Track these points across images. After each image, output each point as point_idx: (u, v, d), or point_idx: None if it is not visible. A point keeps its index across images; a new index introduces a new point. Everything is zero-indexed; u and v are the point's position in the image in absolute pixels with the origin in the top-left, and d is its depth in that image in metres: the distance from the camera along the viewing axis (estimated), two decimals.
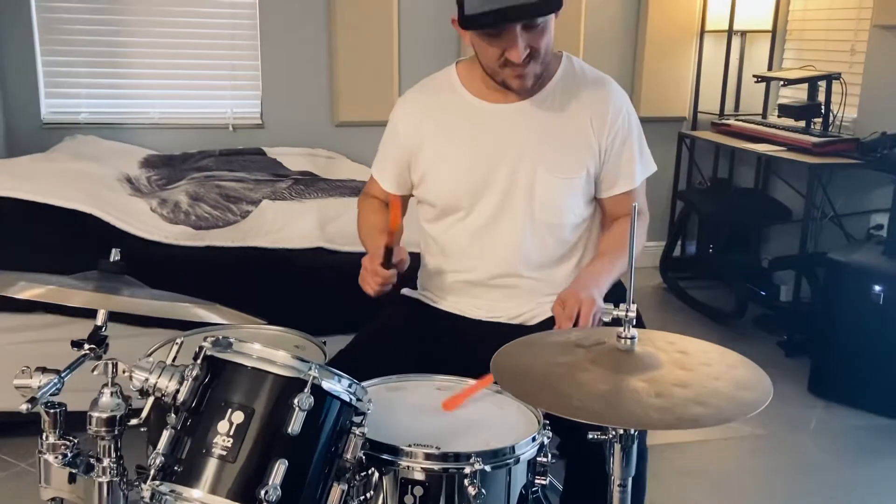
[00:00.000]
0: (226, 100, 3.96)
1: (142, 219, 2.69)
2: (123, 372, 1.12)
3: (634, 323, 2.74)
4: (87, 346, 1.35)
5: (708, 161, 4.46)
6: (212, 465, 1.05)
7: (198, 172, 3.34)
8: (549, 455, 1.40)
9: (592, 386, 1.17)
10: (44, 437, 1.16)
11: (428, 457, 1.28)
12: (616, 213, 1.84)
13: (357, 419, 1.20)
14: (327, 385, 1.12)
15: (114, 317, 1.38)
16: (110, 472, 1.13)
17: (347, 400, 1.16)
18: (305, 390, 1.07)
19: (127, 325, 2.26)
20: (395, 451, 1.28)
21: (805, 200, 3.47)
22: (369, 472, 1.28)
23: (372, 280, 1.67)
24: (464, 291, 1.83)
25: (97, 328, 1.40)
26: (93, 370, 1.14)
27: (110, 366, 1.13)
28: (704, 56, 4.37)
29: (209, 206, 2.94)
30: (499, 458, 1.31)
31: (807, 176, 3.43)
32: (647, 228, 1.92)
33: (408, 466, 1.28)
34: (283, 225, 2.82)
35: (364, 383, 1.51)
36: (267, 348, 1.13)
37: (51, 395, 1.13)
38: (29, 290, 1.24)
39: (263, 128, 3.98)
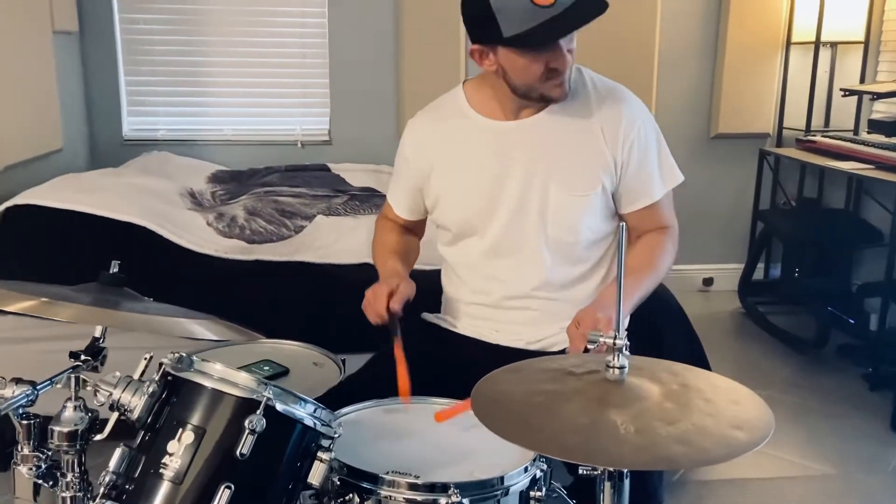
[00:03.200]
0: (295, 117, 4.03)
1: (196, 232, 2.75)
2: (87, 386, 1.12)
3: (694, 359, 2.58)
4: (82, 358, 1.36)
5: (793, 180, 4.21)
6: (160, 487, 1.03)
7: (261, 188, 3.39)
8: (544, 489, 1.31)
9: (570, 418, 1.09)
10: (18, 448, 1.17)
11: (404, 486, 1.22)
12: (641, 229, 1.75)
13: (325, 443, 1.16)
14: (284, 408, 1.08)
15: None
16: (73, 488, 1.13)
17: (311, 424, 1.12)
18: (258, 412, 1.04)
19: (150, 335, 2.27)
20: (372, 477, 1.23)
21: (892, 221, 3.21)
22: (347, 497, 1.24)
23: (373, 315, 1.68)
24: (481, 314, 1.77)
25: (94, 340, 1.41)
26: (57, 384, 1.14)
27: (73, 379, 1.13)
28: (791, 69, 4.14)
29: (264, 221, 2.98)
30: (484, 489, 1.24)
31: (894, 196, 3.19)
32: (677, 246, 1.79)
33: (386, 495, 1.23)
34: (334, 240, 2.83)
35: (359, 405, 1.49)
36: (228, 369, 1.10)
37: (21, 406, 1.14)
38: (18, 302, 1.25)
39: (331, 144, 4.03)
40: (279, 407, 1.07)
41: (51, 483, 1.16)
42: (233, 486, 1.02)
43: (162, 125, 3.99)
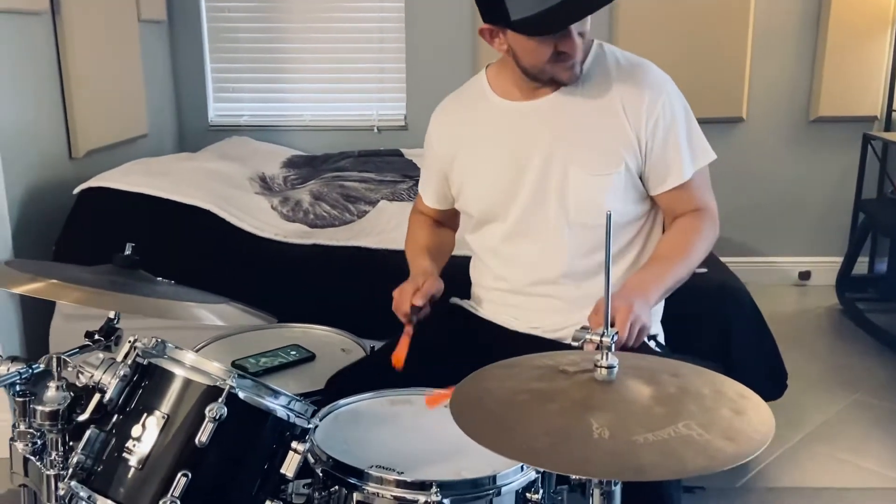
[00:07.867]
0: (372, 102, 4.04)
1: (259, 216, 2.79)
2: (70, 367, 1.13)
3: (767, 359, 2.38)
4: (95, 338, 1.39)
5: None
6: (124, 470, 1.04)
7: (331, 173, 3.42)
8: (542, 492, 1.24)
9: (546, 420, 1.01)
10: (15, 425, 1.20)
11: (386, 482, 1.18)
12: (675, 211, 1.65)
13: (301, 435, 1.13)
14: (249, 397, 1.06)
15: None
16: (56, 466, 1.15)
17: (283, 416, 1.09)
18: (219, 400, 1.02)
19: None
20: (354, 471, 1.20)
21: None
22: (333, 489, 1.21)
23: (400, 314, 1.66)
24: (502, 301, 1.72)
25: (109, 320, 1.44)
26: (38, 364, 1.16)
27: (55, 359, 1.14)
28: None
29: (328, 206, 2.99)
30: (475, 489, 1.19)
31: None
32: (717, 229, 1.66)
33: (369, 490, 1.19)
34: (395, 226, 2.81)
35: (361, 395, 1.45)
36: (200, 357, 1.08)
37: (16, 383, 1.16)
38: (27, 284, 1.28)
39: (407, 129, 4.02)
40: (242, 395, 1.05)
41: (40, 459, 1.19)
42: (190, 475, 1.01)
43: (246, 111, 4.09)
